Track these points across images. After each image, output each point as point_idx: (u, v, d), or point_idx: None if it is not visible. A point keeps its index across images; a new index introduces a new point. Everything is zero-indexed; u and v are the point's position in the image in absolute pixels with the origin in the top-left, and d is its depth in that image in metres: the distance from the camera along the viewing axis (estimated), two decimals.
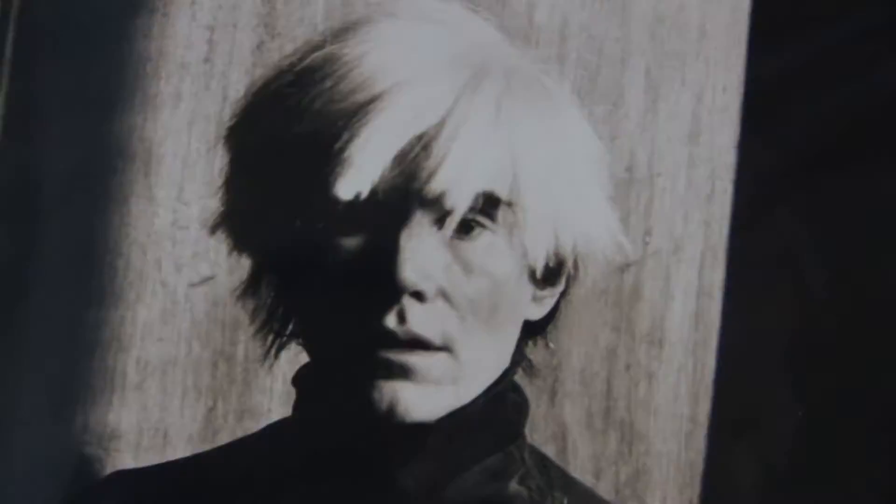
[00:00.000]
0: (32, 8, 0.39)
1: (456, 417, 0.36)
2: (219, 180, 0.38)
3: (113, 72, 0.38)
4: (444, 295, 0.36)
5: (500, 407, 0.37)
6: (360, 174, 0.35)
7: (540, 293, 0.37)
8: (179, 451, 0.38)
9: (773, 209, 0.43)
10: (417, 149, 0.35)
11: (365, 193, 0.35)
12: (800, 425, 0.40)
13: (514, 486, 0.37)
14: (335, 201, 0.35)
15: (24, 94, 0.40)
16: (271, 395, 0.37)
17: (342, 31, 0.36)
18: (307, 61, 0.36)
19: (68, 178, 0.37)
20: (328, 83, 0.35)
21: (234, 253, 0.38)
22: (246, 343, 0.37)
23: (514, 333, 0.37)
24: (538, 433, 0.36)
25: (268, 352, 0.37)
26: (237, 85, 0.37)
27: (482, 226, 0.36)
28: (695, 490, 0.37)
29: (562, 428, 0.35)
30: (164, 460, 0.39)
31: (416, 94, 0.35)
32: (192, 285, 0.36)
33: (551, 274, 0.37)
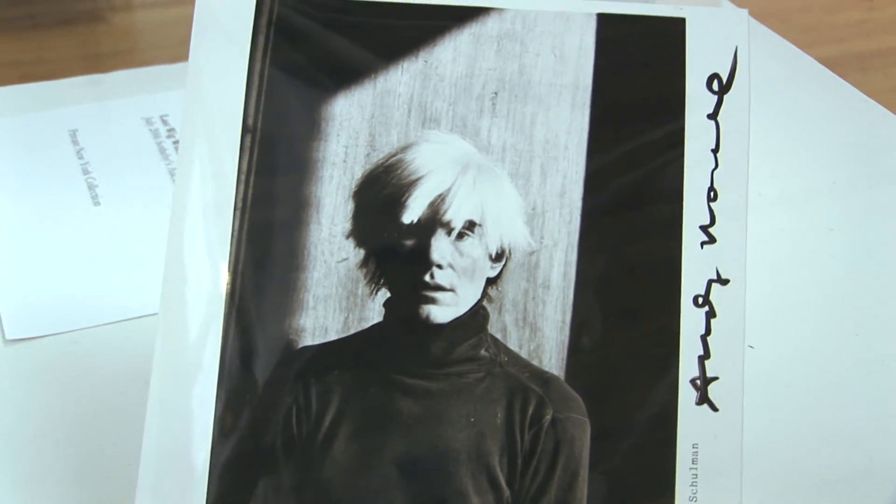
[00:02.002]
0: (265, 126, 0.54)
1: (456, 321, 0.53)
2: (350, 215, 0.55)
3: (304, 165, 0.55)
4: (451, 266, 0.53)
5: (476, 316, 0.53)
6: (413, 212, 0.53)
7: (493, 265, 0.54)
8: (331, 337, 0.55)
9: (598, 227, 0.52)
10: (438, 200, 0.53)
11: (415, 221, 0.52)
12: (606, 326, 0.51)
13: (482, 352, 0.53)
14: (401, 224, 0.53)
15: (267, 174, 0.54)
16: (374, 311, 0.54)
17: (404, 147, 0.55)
18: (389, 161, 0.54)
19: (287, 213, 0.54)
20: (398, 171, 0.54)
21: (357, 247, 0.55)
22: (362, 288, 0.54)
23: (482, 283, 0.53)
24: (493, 328, 0.54)
25: (372, 291, 0.54)
26: (357, 173, 0.55)
27: (468, 235, 0.53)
28: (564, 351, 0.53)
29: (503, 325, 0.53)
30: (324, 342, 0.57)
31: (438, 177, 0.53)
32: (338, 262, 0.54)
33: (499, 257, 0.53)
